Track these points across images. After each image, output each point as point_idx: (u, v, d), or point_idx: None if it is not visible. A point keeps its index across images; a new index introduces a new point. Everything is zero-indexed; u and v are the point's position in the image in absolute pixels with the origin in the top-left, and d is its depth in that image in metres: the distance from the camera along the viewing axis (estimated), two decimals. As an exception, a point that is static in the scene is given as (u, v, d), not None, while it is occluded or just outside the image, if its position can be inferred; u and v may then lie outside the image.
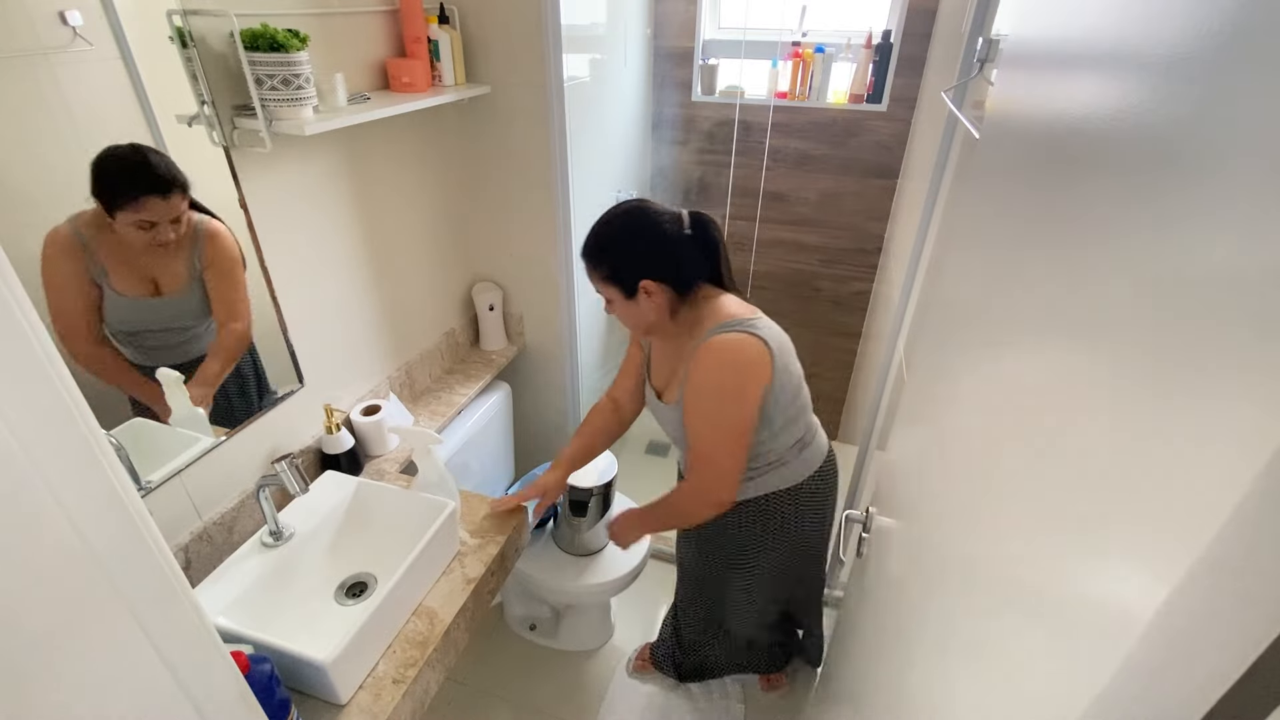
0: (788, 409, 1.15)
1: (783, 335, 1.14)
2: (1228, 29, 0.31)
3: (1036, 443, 0.45)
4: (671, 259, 1.09)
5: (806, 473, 1.25)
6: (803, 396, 1.20)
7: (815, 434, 1.28)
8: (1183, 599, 0.27)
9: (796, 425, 1.19)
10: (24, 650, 0.37)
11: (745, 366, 1.06)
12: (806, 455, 1.24)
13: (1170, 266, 0.33)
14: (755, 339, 1.06)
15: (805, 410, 1.22)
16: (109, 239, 0.98)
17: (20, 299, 0.34)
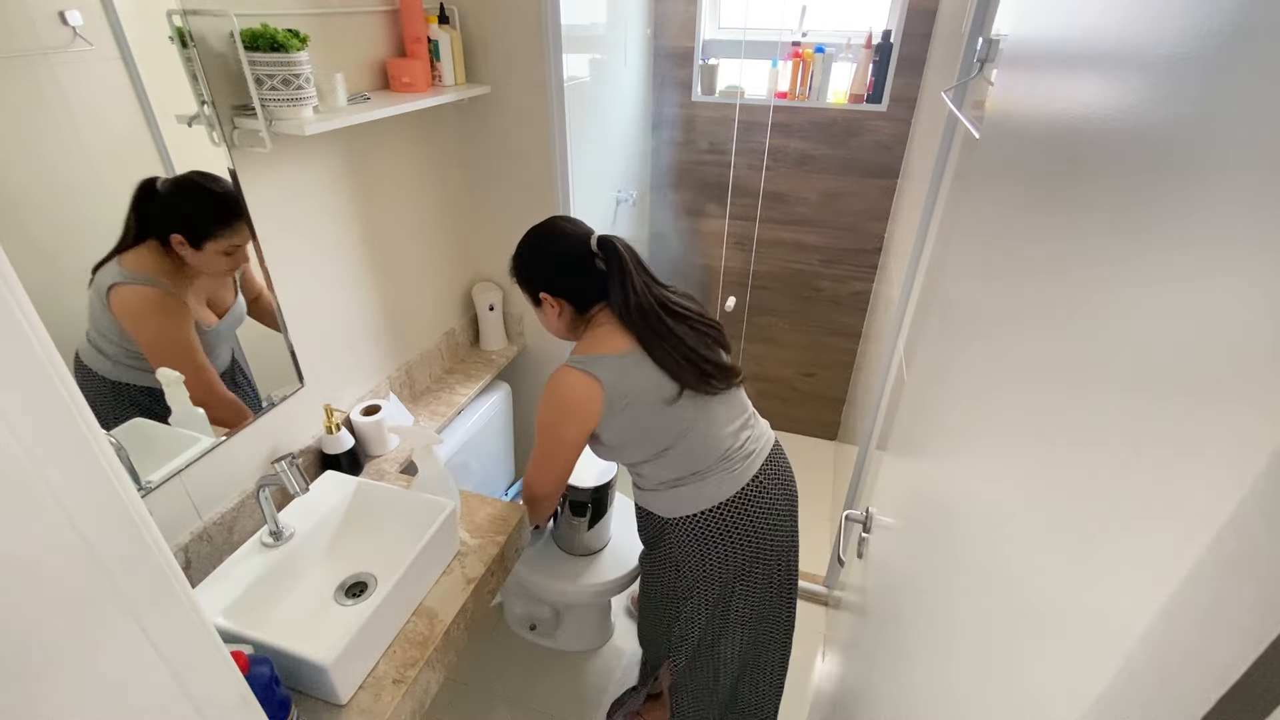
0: (643, 444, 1.16)
1: (641, 378, 1.11)
2: (1228, 29, 0.31)
3: (1037, 442, 0.45)
4: (564, 280, 1.16)
5: (681, 512, 1.21)
6: (670, 442, 1.15)
7: (705, 479, 1.19)
8: (1183, 599, 0.27)
9: (661, 464, 1.18)
10: (24, 650, 0.37)
11: (565, 400, 1.13)
12: (681, 494, 1.20)
13: (1170, 266, 0.33)
14: (584, 377, 1.10)
15: (675, 455, 1.16)
16: (182, 278, 1.00)
17: (20, 299, 0.34)
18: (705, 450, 1.18)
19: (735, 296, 2.70)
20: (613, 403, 1.10)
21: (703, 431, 1.17)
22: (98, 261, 0.91)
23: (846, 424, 2.67)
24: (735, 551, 1.24)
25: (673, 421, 1.14)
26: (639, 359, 1.12)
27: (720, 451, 1.19)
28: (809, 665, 1.86)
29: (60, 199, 0.86)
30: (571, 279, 1.16)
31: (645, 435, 1.15)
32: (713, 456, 1.19)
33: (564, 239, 1.17)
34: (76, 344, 0.91)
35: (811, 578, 2.07)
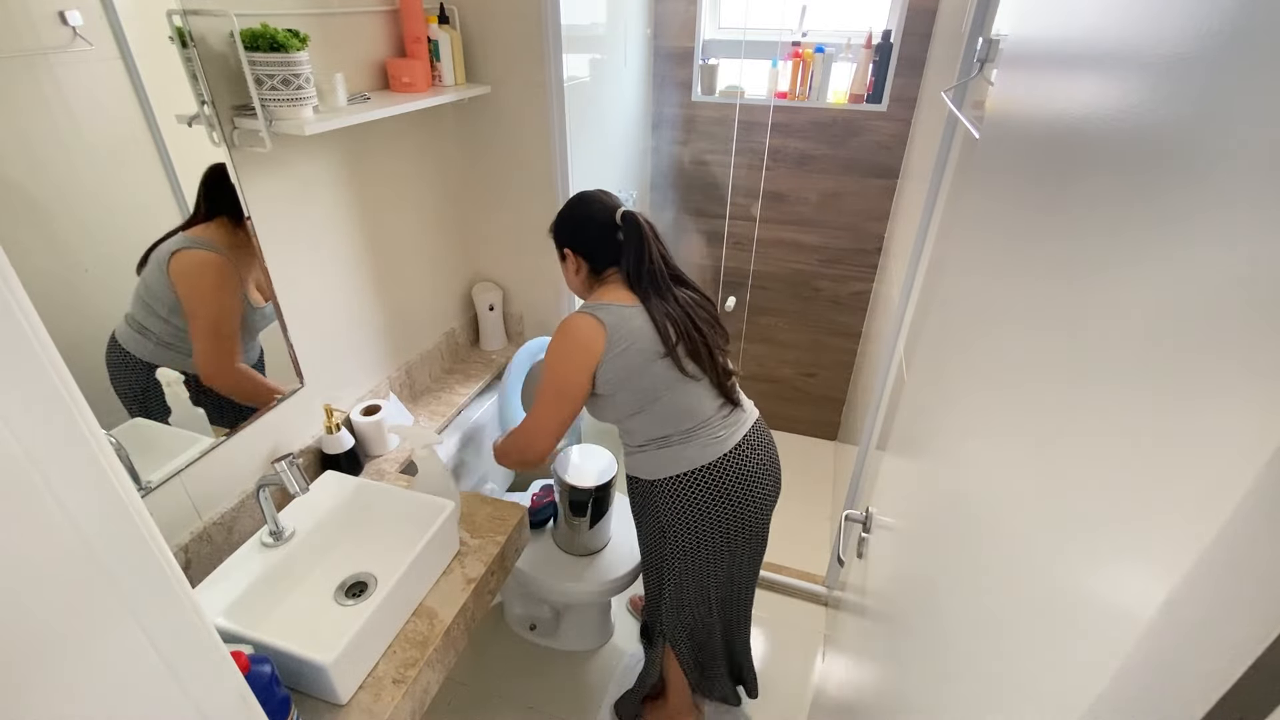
0: (634, 393, 1.24)
1: (640, 327, 1.21)
2: (1228, 29, 0.31)
3: (1036, 442, 0.45)
4: (586, 239, 1.31)
5: (668, 472, 1.29)
6: (654, 397, 1.24)
7: (688, 441, 1.26)
8: (1183, 599, 0.27)
9: (649, 418, 1.26)
10: (24, 650, 0.37)
11: (573, 342, 1.23)
12: (665, 455, 1.28)
13: (1171, 266, 0.33)
14: (592, 319, 1.21)
15: (662, 408, 1.25)
16: (243, 254, 1.08)
17: (20, 299, 0.34)
18: (691, 409, 1.27)
19: (735, 296, 2.70)
20: (613, 343, 1.20)
21: (689, 391, 1.26)
22: (157, 239, 0.98)
23: (846, 424, 2.67)
24: (717, 515, 1.30)
25: (663, 375, 1.23)
26: (641, 312, 1.23)
27: (704, 416, 1.28)
28: (809, 665, 1.86)
29: (60, 199, 0.86)
30: (592, 241, 1.30)
31: (637, 382, 1.23)
32: (697, 418, 1.27)
33: (596, 205, 1.32)
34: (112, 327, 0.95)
35: (811, 578, 2.07)
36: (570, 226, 1.33)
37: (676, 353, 1.22)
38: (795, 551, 2.18)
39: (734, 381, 1.34)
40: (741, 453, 1.30)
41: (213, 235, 1.04)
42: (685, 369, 1.23)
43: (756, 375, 2.90)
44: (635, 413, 1.27)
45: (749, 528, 1.35)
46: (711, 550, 1.35)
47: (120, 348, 0.96)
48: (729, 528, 1.33)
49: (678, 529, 1.34)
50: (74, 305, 0.90)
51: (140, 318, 0.97)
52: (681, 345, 1.23)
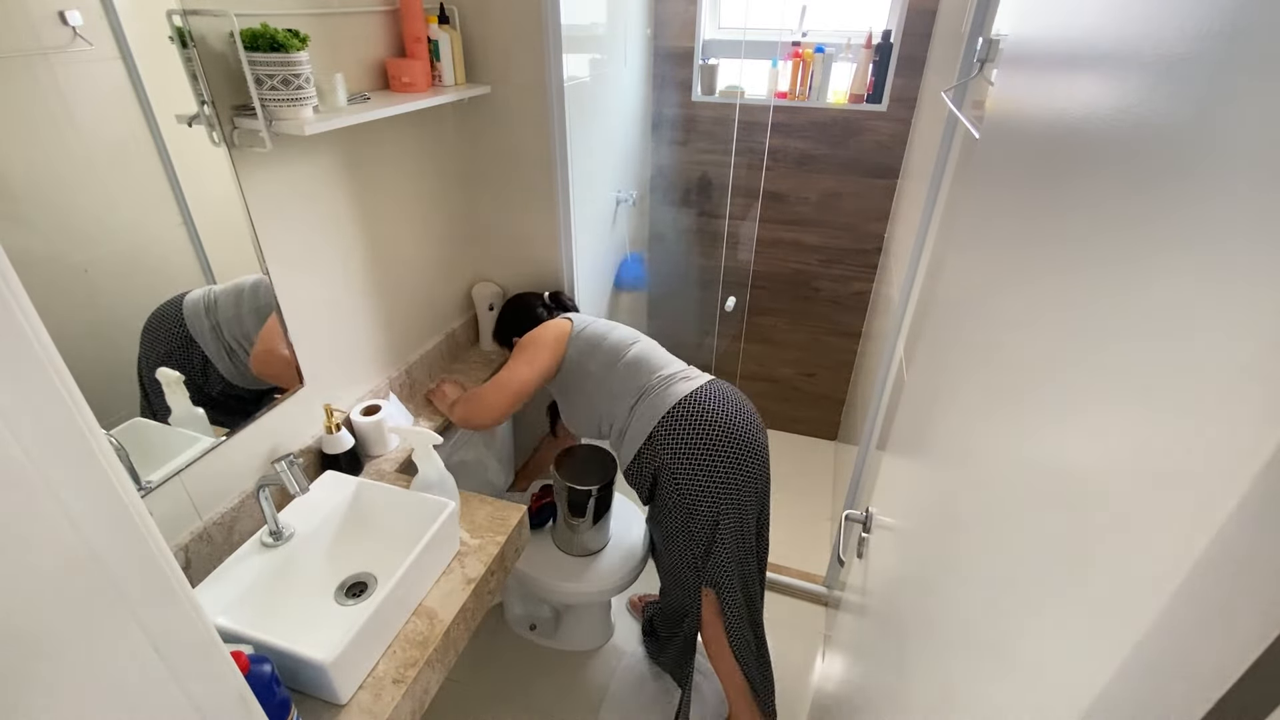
0: (607, 352, 1.48)
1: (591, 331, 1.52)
2: (1228, 29, 0.31)
3: (1036, 442, 0.45)
4: (527, 319, 1.63)
5: (655, 419, 1.40)
6: (628, 348, 1.49)
7: (662, 387, 1.43)
8: (1183, 599, 0.27)
9: (623, 376, 1.46)
10: (24, 650, 0.37)
11: (537, 337, 1.52)
12: (646, 406, 1.42)
13: (1171, 266, 0.33)
14: (560, 319, 1.55)
15: (634, 358, 1.47)
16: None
17: (20, 299, 0.34)
18: (658, 361, 1.47)
19: (735, 296, 2.70)
20: (579, 329, 1.52)
21: (642, 351, 1.49)
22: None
23: (846, 424, 2.67)
24: (714, 445, 1.37)
25: (621, 340, 1.50)
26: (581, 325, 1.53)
27: (665, 368, 1.46)
28: (809, 665, 1.86)
29: (60, 199, 0.86)
30: (530, 320, 1.62)
31: (600, 355, 1.48)
32: (659, 369, 1.45)
33: (525, 298, 1.69)
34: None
35: (811, 578, 2.07)
36: (515, 322, 1.65)
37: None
38: (795, 551, 2.18)
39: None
40: (714, 386, 1.44)
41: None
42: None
43: (756, 375, 2.90)
44: (607, 375, 1.46)
45: (747, 454, 1.39)
46: (722, 478, 1.39)
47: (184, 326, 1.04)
48: (730, 450, 1.38)
49: (684, 466, 1.38)
50: (74, 305, 0.90)
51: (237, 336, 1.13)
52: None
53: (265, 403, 1.23)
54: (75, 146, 0.86)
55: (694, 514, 1.41)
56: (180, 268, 1.03)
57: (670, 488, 1.42)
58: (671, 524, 1.46)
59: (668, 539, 1.49)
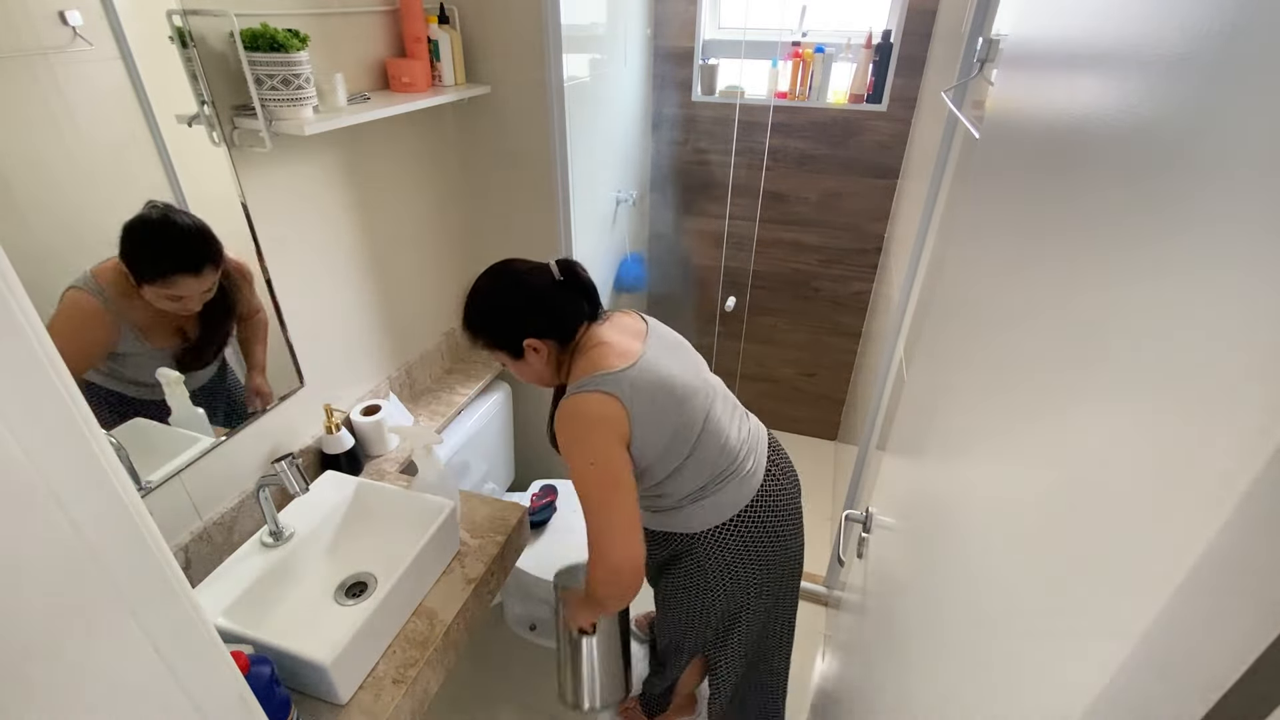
0: (667, 456, 1.07)
1: (655, 380, 1.03)
2: (1228, 29, 0.31)
3: (1036, 442, 0.45)
4: (546, 312, 1.06)
5: (709, 524, 1.15)
6: (691, 445, 1.08)
7: (725, 484, 1.14)
8: (1183, 599, 0.27)
9: (686, 474, 1.10)
10: (24, 650, 0.37)
11: (590, 423, 1.00)
12: (704, 507, 1.14)
13: (1171, 265, 0.33)
14: (599, 395, 0.99)
15: (700, 454, 1.10)
16: (137, 301, 0.96)
17: (20, 299, 0.34)
18: (720, 452, 1.12)
19: (735, 296, 2.70)
20: (636, 415, 1.01)
21: (713, 431, 1.10)
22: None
23: (846, 424, 2.67)
24: (764, 553, 1.20)
25: (687, 426, 1.07)
26: (643, 367, 1.04)
27: (731, 450, 1.13)
28: (809, 665, 1.86)
29: (61, 199, 0.86)
30: (552, 313, 1.07)
31: (668, 444, 1.06)
32: (727, 458, 1.13)
33: (528, 277, 1.08)
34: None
35: (811, 578, 2.07)
36: (519, 314, 1.06)
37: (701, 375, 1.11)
38: (795, 551, 2.17)
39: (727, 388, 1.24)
40: (773, 479, 1.18)
41: (108, 278, 0.93)
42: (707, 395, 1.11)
43: (756, 375, 2.90)
44: (668, 476, 1.10)
45: (791, 553, 1.26)
46: (757, 587, 1.24)
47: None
48: (775, 559, 1.22)
49: (726, 575, 1.21)
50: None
51: None
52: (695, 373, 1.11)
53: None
54: (75, 146, 0.86)
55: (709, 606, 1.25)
56: (180, 268, 1.03)
57: (696, 574, 1.22)
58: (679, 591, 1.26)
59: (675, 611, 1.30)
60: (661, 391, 1.03)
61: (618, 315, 1.16)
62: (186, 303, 1.02)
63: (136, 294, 0.96)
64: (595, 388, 1.00)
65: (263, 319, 1.19)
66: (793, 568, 1.29)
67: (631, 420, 1.00)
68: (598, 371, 1.02)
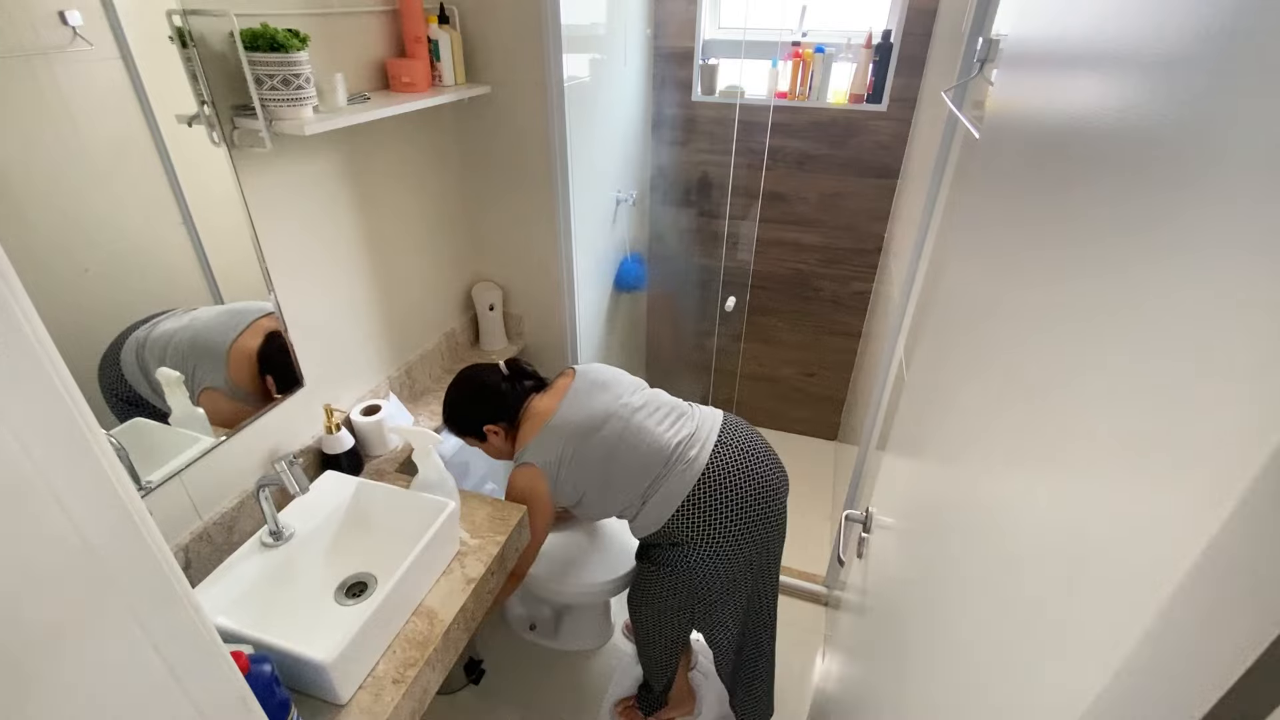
0: (596, 486, 1.33)
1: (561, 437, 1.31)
2: (1228, 29, 0.31)
3: (1036, 442, 0.45)
4: (494, 406, 1.39)
5: (667, 514, 1.31)
6: (610, 459, 1.31)
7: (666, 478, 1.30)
8: (1183, 599, 0.27)
9: (620, 491, 1.33)
10: (24, 651, 0.37)
11: (525, 496, 1.33)
12: (654, 504, 1.32)
13: (1170, 266, 0.33)
14: (526, 469, 1.32)
15: (621, 478, 1.31)
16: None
17: (20, 299, 0.34)
18: (647, 460, 1.30)
19: (735, 296, 2.70)
20: (553, 473, 1.31)
21: (633, 446, 1.30)
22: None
23: (846, 424, 2.67)
24: (723, 525, 1.30)
25: (602, 453, 1.30)
26: (556, 424, 1.32)
27: (662, 453, 1.30)
28: (809, 665, 1.86)
29: (60, 199, 0.86)
30: (499, 404, 1.39)
31: (588, 477, 1.32)
32: (659, 461, 1.30)
33: (481, 378, 1.42)
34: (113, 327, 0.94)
35: (811, 578, 2.07)
36: (477, 408, 1.40)
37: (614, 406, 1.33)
38: (795, 551, 2.17)
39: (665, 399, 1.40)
40: (718, 457, 1.31)
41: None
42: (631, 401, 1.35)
43: (756, 375, 2.90)
44: (606, 499, 1.33)
45: (756, 519, 1.31)
46: (739, 552, 1.32)
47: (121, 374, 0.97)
48: (738, 529, 1.30)
49: (703, 546, 1.31)
50: (74, 305, 0.90)
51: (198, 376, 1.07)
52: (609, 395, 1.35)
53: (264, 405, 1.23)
54: (75, 146, 0.86)
55: (699, 588, 1.35)
56: (180, 268, 1.03)
57: (680, 560, 1.34)
58: (667, 585, 1.38)
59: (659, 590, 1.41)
60: (571, 440, 1.31)
61: (557, 379, 1.44)
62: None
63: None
64: (521, 461, 1.33)
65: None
66: (763, 534, 1.34)
67: (549, 477, 1.32)
68: (525, 444, 1.34)
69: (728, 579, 1.35)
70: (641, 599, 1.45)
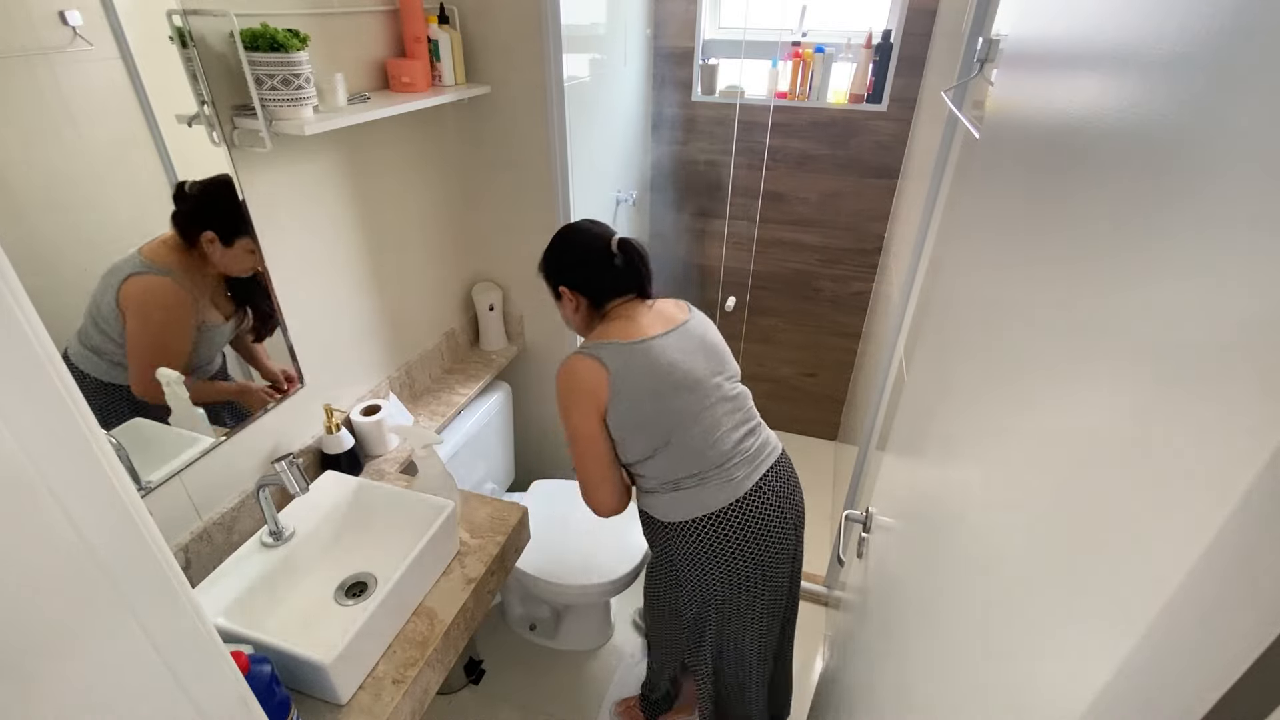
0: (644, 436, 1.16)
1: (647, 364, 1.14)
2: (1228, 29, 0.31)
3: (1036, 442, 0.45)
4: (583, 274, 1.23)
5: (680, 516, 1.20)
6: (670, 432, 1.15)
7: (704, 483, 1.18)
8: (1183, 599, 0.27)
9: (661, 461, 1.18)
10: (24, 651, 0.37)
11: (572, 385, 1.15)
12: (678, 498, 1.20)
13: (1171, 265, 0.33)
14: (590, 360, 1.14)
15: (674, 451, 1.17)
16: (197, 276, 1.03)
17: (20, 299, 0.34)
18: (704, 451, 1.17)
19: (735, 296, 2.70)
20: (617, 387, 1.13)
21: (704, 429, 1.16)
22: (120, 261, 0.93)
23: (846, 424, 2.67)
24: (735, 561, 1.22)
25: (673, 413, 1.15)
26: (647, 347, 1.15)
27: (720, 454, 1.17)
28: (809, 665, 1.86)
29: (60, 199, 0.86)
30: (589, 275, 1.23)
31: (646, 424, 1.15)
32: (711, 460, 1.17)
33: (587, 236, 1.24)
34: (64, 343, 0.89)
35: (811, 578, 2.07)
36: (564, 262, 1.24)
37: (699, 376, 1.17)
38: (795, 551, 2.17)
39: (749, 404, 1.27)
40: (760, 493, 1.20)
41: (164, 257, 0.97)
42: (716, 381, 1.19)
43: (756, 375, 2.90)
44: (645, 458, 1.19)
45: (770, 571, 1.25)
46: (730, 595, 1.26)
47: (74, 365, 0.90)
48: (748, 573, 1.23)
49: (693, 574, 1.25)
50: (74, 305, 0.90)
51: (93, 337, 0.92)
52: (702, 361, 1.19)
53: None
54: (75, 146, 0.86)
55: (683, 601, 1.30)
56: (180, 268, 1.03)
57: (669, 565, 1.29)
58: (658, 575, 1.35)
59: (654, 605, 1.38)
60: (652, 375, 1.14)
61: (666, 302, 1.28)
62: (258, 254, 1.11)
63: (194, 265, 1.02)
64: (591, 353, 1.15)
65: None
66: (770, 586, 1.27)
67: (611, 389, 1.13)
68: (604, 340, 1.17)
69: (709, 604, 1.29)
70: (649, 585, 1.45)
